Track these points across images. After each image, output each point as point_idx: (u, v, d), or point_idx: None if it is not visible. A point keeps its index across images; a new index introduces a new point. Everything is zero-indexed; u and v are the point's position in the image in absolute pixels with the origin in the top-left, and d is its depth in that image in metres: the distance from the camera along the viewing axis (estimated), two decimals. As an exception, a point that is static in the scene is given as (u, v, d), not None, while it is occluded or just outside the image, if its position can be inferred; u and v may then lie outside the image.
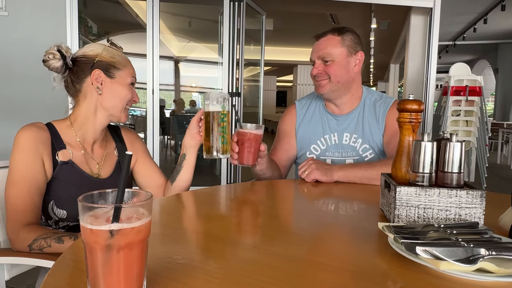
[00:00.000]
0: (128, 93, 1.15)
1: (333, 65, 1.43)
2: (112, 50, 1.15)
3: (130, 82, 1.15)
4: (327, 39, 1.45)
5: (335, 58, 1.43)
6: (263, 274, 0.60)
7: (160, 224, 0.90)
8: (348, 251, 0.72)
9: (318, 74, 1.45)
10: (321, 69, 1.44)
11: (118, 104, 1.13)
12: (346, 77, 1.46)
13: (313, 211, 1.05)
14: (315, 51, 1.47)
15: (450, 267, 0.56)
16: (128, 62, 1.17)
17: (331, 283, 0.59)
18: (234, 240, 0.79)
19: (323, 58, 1.43)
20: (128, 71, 1.15)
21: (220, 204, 1.12)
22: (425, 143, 0.78)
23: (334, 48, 1.43)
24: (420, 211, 0.77)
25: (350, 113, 1.52)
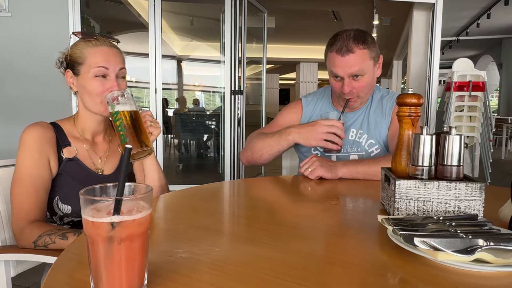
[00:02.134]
0: (95, 86, 1.06)
1: (363, 81, 1.38)
2: (78, 43, 1.09)
3: (95, 74, 1.06)
4: (357, 56, 1.34)
5: (366, 73, 1.37)
6: (264, 267, 0.61)
7: (164, 219, 0.91)
8: (348, 244, 0.72)
9: (349, 93, 1.39)
10: (352, 86, 1.38)
11: (91, 101, 1.08)
12: (372, 86, 1.46)
13: (315, 205, 1.05)
14: (343, 67, 1.35)
15: (448, 258, 0.57)
16: (92, 50, 1.07)
17: (332, 275, 0.59)
18: (236, 234, 0.80)
19: (354, 75, 1.36)
20: (90, 62, 1.06)
21: (223, 199, 1.13)
22: (424, 137, 0.79)
23: (365, 63, 1.36)
24: (419, 204, 0.78)
25: (357, 110, 1.51)
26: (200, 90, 13.09)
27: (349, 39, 1.34)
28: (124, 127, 1.03)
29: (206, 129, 6.57)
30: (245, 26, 4.31)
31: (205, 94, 13.58)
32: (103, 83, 1.07)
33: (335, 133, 1.31)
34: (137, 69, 5.77)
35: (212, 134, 6.44)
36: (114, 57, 1.10)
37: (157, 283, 0.54)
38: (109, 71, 1.08)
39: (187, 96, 11.99)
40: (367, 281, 0.57)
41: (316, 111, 1.56)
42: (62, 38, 3.23)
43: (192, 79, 12.65)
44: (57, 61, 1.13)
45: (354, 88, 1.38)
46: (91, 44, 1.08)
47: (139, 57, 5.71)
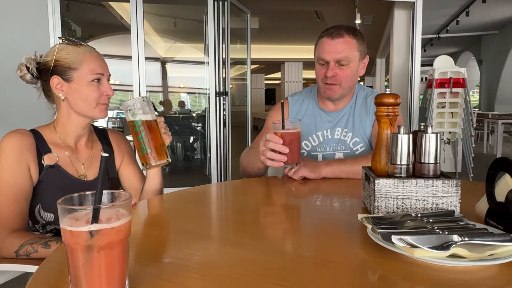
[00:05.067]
0: (91, 92, 1.08)
1: (347, 70, 1.41)
2: (68, 48, 1.09)
3: (91, 79, 1.08)
4: (345, 41, 1.40)
5: (351, 62, 1.41)
6: (247, 269, 0.62)
7: (147, 224, 0.91)
8: (330, 243, 0.74)
9: (332, 77, 1.41)
10: (336, 72, 1.41)
11: (85, 105, 1.09)
12: (354, 82, 1.47)
13: (298, 206, 1.07)
14: (331, 52, 1.40)
15: (424, 254, 0.58)
16: (87, 56, 1.09)
17: (313, 275, 0.60)
18: (219, 237, 0.81)
19: (340, 61, 1.40)
20: (87, 67, 1.08)
21: (206, 202, 1.13)
22: (402, 136, 0.81)
23: (351, 51, 1.40)
24: (398, 201, 0.80)
25: (342, 109, 1.53)
26: (185, 92, 13.01)
27: (342, 28, 1.42)
28: (146, 137, 1.06)
29: (192, 131, 6.54)
30: (228, 27, 4.31)
31: (190, 96, 13.51)
32: (99, 88, 1.10)
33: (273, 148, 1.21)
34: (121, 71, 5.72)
35: (199, 136, 6.42)
36: (105, 63, 1.14)
37: (139, 290, 0.54)
38: (103, 77, 1.12)
39: (172, 98, 11.90)
40: (347, 279, 0.59)
41: (302, 110, 1.58)
42: (42, 42, 3.18)
43: (177, 81, 12.57)
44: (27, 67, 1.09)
45: (338, 75, 1.41)
46: (85, 50, 1.10)
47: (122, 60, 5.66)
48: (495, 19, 8.45)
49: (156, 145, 1.07)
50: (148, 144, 1.05)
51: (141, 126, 1.05)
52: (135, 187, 1.28)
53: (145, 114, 1.06)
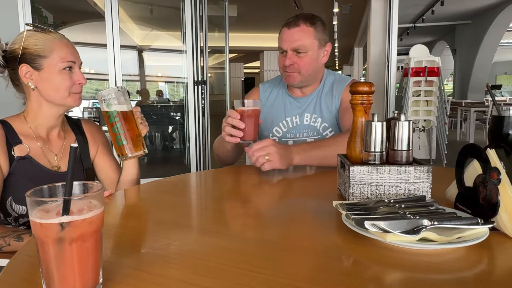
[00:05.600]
0: (63, 81, 1.05)
1: (305, 58, 1.44)
2: (36, 35, 1.05)
3: (63, 67, 1.05)
4: (301, 30, 1.43)
5: (309, 50, 1.43)
6: (223, 257, 0.62)
7: (123, 214, 0.90)
8: (305, 230, 0.75)
9: (289, 66, 1.44)
10: (293, 60, 1.44)
11: (57, 95, 1.06)
12: (315, 69, 1.49)
13: (274, 194, 1.07)
14: (287, 41, 1.44)
15: (395, 239, 0.60)
16: (57, 44, 1.05)
17: (289, 261, 0.61)
18: (195, 227, 0.81)
19: (296, 49, 1.43)
20: (57, 55, 1.04)
21: (183, 192, 1.12)
22: (375, 123, 0.82)
23: (308, 40, 1.43)
24: (372, 188, 0.81)
25: (310, 94, 1.56)
26: (163, 81, 12.83)
27: (300, 17, 1.45)
28: (122, 128, 1.03)
29: (170, 121, 6.47)
30: (205, 15, 4.26)
31: (169, 85, 13.31)
32: (71, 77, 1.07)
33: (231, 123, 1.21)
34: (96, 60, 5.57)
35: (177, 126, 6.36)
36: (76, 50, 1.11)
37: (115, 280, 0.53)
38: (75, 65, 1.09)
39: (150, 88, 11.70)
40: (321, 265, 0.60)
41: (272, 97, 1.60)
42: (12, 30, 3.05)
43: (155, 69, 12.35)
44: None
45: (296, 63, 1.44)
46: (55, 37, 1.06)
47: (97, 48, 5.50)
48: (469, 9, 8.64)
49: (133, 136, 1.05)
50: (124, 135, 1.03)
51: (117, 117, 1.03)
52: (111, 178, 1.26)
53: (121, 104, 1.04)
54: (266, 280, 0.54)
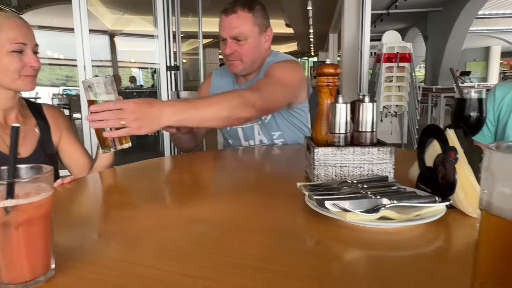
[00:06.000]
0: (11, 62, 1.00)
1: (246, 45, 1.40)
2: None
3: (11, 50, 1.00)
4: (239, 17, 1.38)
5: (248, 37, 1.39)
6: (184, 241, 0.61)
7: (81, 200, 0.88)
8: (269, 212, 0.75)
9: (230, 54, 1.40)
10: (234, 48, 1.40)
11: (6, 77, 1.01)
12: (257, 56, 1.45)
13: (241, 177, 1.07)
14: (226, 28, 1.40)
15: (355, 218, 0.61)
16: (6, 24, 1.00)
17: (251, 242, 0.61)
18: (152, 210, 0.79)
19: (236, 37, 1.39)
20: (5, 36, 0.99)
21: (147, 176, 1.10)
22: (340, 105, 0.82)
23: (247, 27, 1.39)
24: (337, 169, 0.82)
25: (251, 79, 1.51)
26: (136, 67, 12.52)
27: (238, 3, 1.40)
28: None
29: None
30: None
31: (143, 71, 13.00)
32: (21, 59, 1.01)
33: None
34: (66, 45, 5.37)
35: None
36: (29, 31, 1.05)
37: (68, 265, 0.52)
38: (27, 47, 1.03)
39: (123, 74, 11.41)
40: (283, 245, 0.60)
41: (222, 84, 1.57)
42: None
43: (128, 55, 12.03)
44: None
45: (237, 51, 1.40)
46: (3, 16, 1.00)
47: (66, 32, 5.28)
48: (440, -4, 8.78)
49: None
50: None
51: None
52: (79, 163, 1.23)
53: (108, 94, 0.97)
54: (229, 262, 0.54)
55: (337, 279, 0.50)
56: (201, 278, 0.49)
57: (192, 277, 0.50)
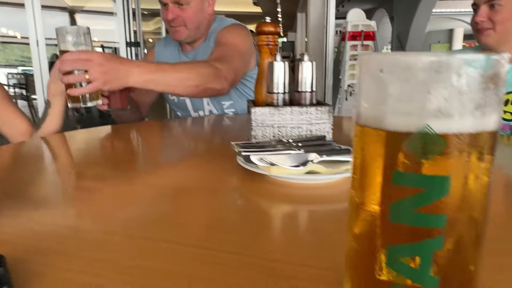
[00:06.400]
0: None
1: (188, 10, 1.33)
2: None
3: None
4: None
5: (191, 1, 1.33)
6: (104, 222, 0.57)
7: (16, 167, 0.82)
8: (204, 173, 0.72)
9: (173, 19, 1.33)
10: (176, 13, 1.33)
11: None
12: (201, 21, 1.39)
13: (182, 145, 1.03)
14: None
15: (281, 172, 0.59)
16: None
17: (184, 202, 0.58)
18: (72, 184, 0.75)
19: (177, 1, 1.32)
20: None
21: (82, 144, 1.05)
22: (278, 63, 0.79)
23: None
24: (275, 130, 0.80)
25: (198, 47, 1.45)
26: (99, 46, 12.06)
27: None
28: None
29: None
30: (136, -29, 3.98)
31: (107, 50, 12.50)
32: None
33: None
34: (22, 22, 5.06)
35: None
36: None
37: None
38: None
39: (85, 53, 10.86)
40: (214, 202, 0.57)
41: (166, 54, 1.51)
42: None
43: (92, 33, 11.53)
44: None
45: (180, 17, 1.34)
46: None
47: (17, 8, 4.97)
48: (406, -24, 8.86)
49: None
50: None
51: None
52: (19, 129, 1.15)
53: (87, 46, 0.93)
54: (148, 218, 0.51)
55: (255, 234, 0.48)
56: (125, 236, 0.46)
57: (115, 235, 0.46)
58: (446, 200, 0.20)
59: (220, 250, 0.41)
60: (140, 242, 0.43)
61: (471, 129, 0.20)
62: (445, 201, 0.20)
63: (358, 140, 0.23)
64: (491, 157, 0.21)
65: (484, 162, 0.21)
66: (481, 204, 0.21)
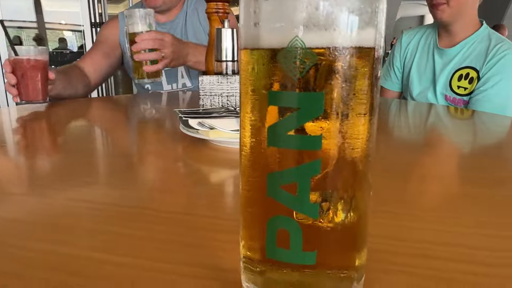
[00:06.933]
0: None
1: None
2: None
3: None
4: None
5: None
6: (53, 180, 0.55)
7: None
8: (148, 141, 0.70)
9: None
10: None
11: None
12: None
13: (131, 120, 1.00)
14: None
15: (220, 135, 0.57)
16: None
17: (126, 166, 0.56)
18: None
19: None
20: None
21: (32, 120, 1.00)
22: (225, 30, 0.77)
23: None
24: (223, 99, 0.78)
25: (174, 19, 1.40)
26: (67, 29, 11.66)
27: None
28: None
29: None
30: None
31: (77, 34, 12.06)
32: None
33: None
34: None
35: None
36: None
37: None
38: None
39: (53, 36, 10.56)
40: (158, 170, 0.55)
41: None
42: None
43: (56, 16, 11.11)
44: None
45: None
46: None
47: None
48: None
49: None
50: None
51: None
52: None
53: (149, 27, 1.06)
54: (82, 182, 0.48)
55: (187, 194, 0.47)
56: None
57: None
58: (321, 120, 0.19)
59: (152, 209, 0.39)
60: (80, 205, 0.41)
61: (345, 43, 0.19)
62: (320, 121, 0.19)
63: (241, 67, 0.22)
64: (369, 76, 0.20)
65: (361, 80, 0.20)
66: (361, 129, 0.20)
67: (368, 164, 0.22)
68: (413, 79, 1.37)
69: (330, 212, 0.21)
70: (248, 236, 0.24)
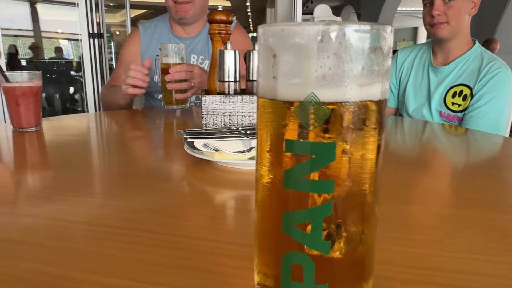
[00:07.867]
0: None
1: None
2: None
3: None
4: None
5: None
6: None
7: None
8: (153, 161, 0.71)
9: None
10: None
11: None
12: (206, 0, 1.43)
13: (134, 134, 1.02)
14: None
15: (224, 157, 0.59)
16: None
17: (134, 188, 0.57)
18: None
19: None
20: None
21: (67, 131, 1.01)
22: (228, 52, 0.79)
23: None
24: (226, 118, 0.80)
25: (197, 34, 1.47)
26: (63, 38, 11.66)
27: None
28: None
29: (71, 81, 5.95)
30: (99, -41, 3.85)
31: (74, 43, 12.08)
32: None
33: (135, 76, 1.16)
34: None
35: (78, 86, 5.87)
36: None
37: None
38: None
39: (48, 44, 10.56)
40: (156, 188, 0.57)
41: (155, 37, 1.49)
42: None
43: (53, 25, 11.13)
44: None
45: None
46: None
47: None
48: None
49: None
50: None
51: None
52: None
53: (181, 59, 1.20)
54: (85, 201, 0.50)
55: (189, 216, 0.48)
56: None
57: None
58: (334, 166, 0.21)
59: (152, 232, 0.41)
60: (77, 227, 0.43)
61: (355, 98, 0.21)
62: (333, 167, 0.21)
63: (259, 113, 0.24)
64: (377, 126, 0.22)
65: (369, 131, 0.22)
66: (369, 172, 0.22)
67: (375, 197, 0.23)
68: (408, 96, 1.40)
69: (341, 247, 0.23)
70: (263, 265, 0.25)
